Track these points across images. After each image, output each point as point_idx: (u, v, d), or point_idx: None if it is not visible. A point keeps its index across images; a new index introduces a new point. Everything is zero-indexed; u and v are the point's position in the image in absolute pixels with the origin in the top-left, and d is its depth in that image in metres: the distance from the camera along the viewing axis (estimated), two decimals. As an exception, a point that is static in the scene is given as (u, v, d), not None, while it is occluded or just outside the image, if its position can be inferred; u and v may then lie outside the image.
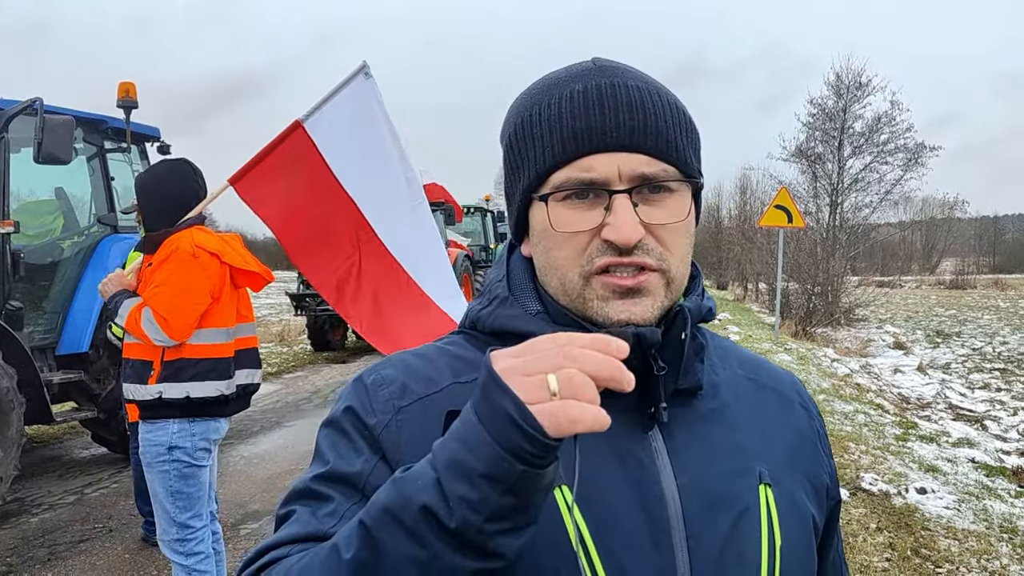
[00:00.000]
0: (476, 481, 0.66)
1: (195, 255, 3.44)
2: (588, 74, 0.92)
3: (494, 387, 0.67)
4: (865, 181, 26.01)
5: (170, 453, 3.47)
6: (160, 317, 3.35)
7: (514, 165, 0.95)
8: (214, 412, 3.56)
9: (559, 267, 0.91)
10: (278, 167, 3.75)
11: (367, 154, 3.92)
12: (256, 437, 8.48)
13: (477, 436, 0.67)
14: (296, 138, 3.76)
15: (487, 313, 0.98)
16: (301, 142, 3.77)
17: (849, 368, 14.78)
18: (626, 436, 0.90)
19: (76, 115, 6.48)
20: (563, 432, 0.65)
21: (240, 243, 3.75)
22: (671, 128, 0.90)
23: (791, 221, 15.51)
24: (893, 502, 6.24)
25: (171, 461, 3.47)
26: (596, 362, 0.67)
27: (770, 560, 0.90)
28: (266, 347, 15.65)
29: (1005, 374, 15.93)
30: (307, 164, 3.78)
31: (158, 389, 3.44)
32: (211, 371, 3.51)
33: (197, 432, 3.52)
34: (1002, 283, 49.68)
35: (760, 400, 1.03)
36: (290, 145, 3.75)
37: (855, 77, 25.51)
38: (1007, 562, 5.12)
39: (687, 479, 0.89)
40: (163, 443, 3.47)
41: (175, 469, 3.48)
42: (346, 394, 0.96)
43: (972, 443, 8.90)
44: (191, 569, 3.58)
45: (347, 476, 0.87)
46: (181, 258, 3.43)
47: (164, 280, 3.41)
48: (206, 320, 3.51)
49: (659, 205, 0.89)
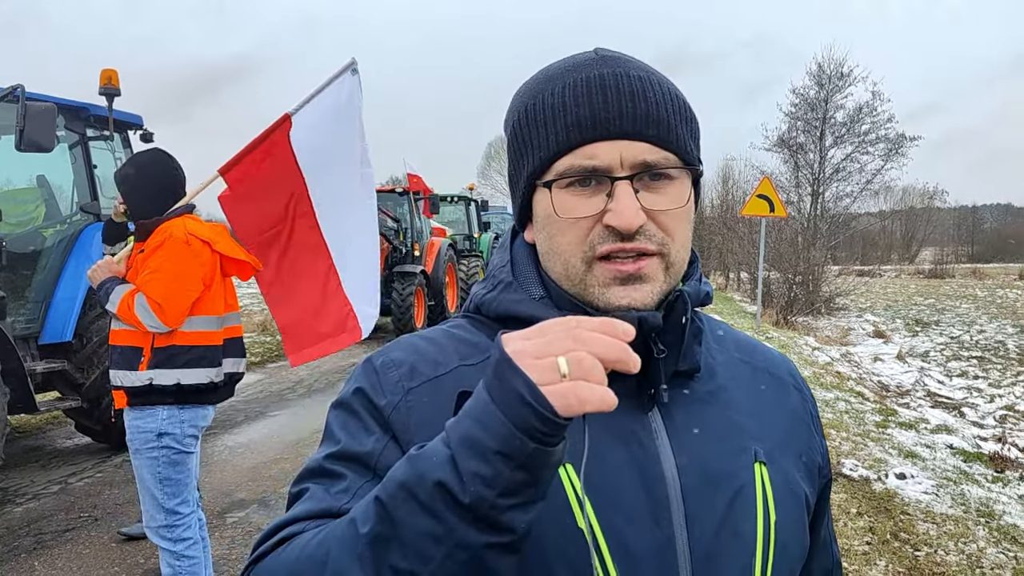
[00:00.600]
0: (490, 458, 0.69)
1: (188, 242, 3.46)
2: (591, 64, 0.94)
3: (507, 368, 0.69)
4: (846, 171, 26.20)
5: (159, 440, 3.49)
6: (154, 303, 3.37)
7: (518, 152, 0.98)
8: (203, 399, 3.58)
9: (562, 253, 0.94)
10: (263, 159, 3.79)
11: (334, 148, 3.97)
12: (241, 427, 8.46)
13: (490, 415, 0.69)
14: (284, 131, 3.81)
15: (492, 298, 1.00)
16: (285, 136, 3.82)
17: (830, 356, 14.94)
18: (627, 417, 0.92)
19: (58, 102, 6.40)
20: (573, 412, 0.68)
21: (227, 233, 3.76)
22: (672, 117, 0.93)
23: (773, 210, 15.60)
24: (873, 487, 6.34)
25: (160, 448, 3.48)
26: (604, 345, 0.70)
27: (765, 536, 0.93)
28: (249, 336, 15.57)
29: (982, 362, 16.15)
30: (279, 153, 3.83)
31: (149, 376, 3.45)
32: (202, 358, 3.53)
33: (186, 419, 3.54)
34: (980, 272, 50.20)
35: (756, 382, 1.06)
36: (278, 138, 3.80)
37: (837, 67, 25.65)
38: (984, 545, 5.22)
39: (685, 459, 0.92)
40: (152, 430, 3.48)
41: (164, 456, 3.49)
42: (356, 376, 0.98)
43: (950, 430, 9.04)
44: (179, 555, 3.60)
45: (359, 455, 0.89)
46: (175, 245, 3.45)
47: (158, 267, 3.43)
48: (198, 307, 3.53)
49: (660, 192, 0.92)
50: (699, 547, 0.89)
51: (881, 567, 4.83)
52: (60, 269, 6.87)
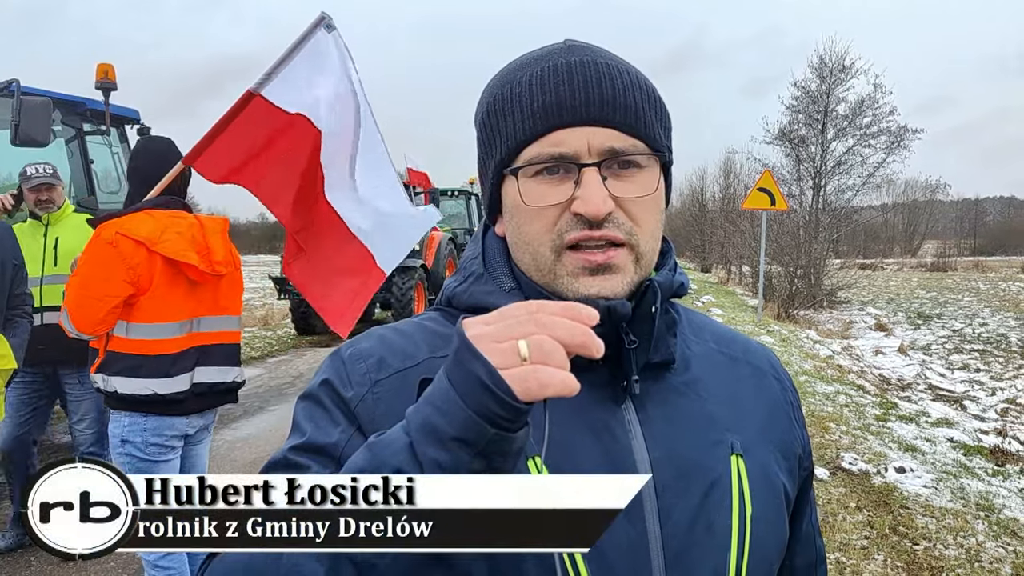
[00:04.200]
0: (448, 444, 0.68)
1: (113, 243, 3.17)
2: (559, 52, 0.94)
3: (466, 353, 0.68)
4: (848, 164, 26.15)
5: (123, 446, 3.33)
6: (69, 308, 3.17)
7: (487, 143, 0.97)
8: (162, 410, 3.32)
9: (530, 242, 0.93)
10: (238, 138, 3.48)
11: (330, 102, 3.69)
12: (239, 421, 8.47)
13: (449, 400, 0.68)
14: (254, 108, 3.47)
15: (462, 290, 0.99)
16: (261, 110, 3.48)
17: (831, 350, 14.91)
18: (599, 409, 0.91)
19: (54, 96, 6.39)
20: (533, 396, 0.66)
21: (218, 228, 3.50)
22: (639, 104, 0.92)
23: (774, 204, 15.57)
24: (872, 481, 6.33)
25: (123, 454, 3.32)
26: (566, 328, 0.68)
27: (740, 530, 0.91)
28: (250, 331, 15.59)
29: (984, 355, 16.12)
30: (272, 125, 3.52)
31: (99, 378, 3.30)
32: (139, 367, 3.25)
33: (149, 427, 3.32)
34: (982, 265, 50.20)
35: (733, 372, 1.04)
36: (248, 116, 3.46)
37: (838, 60, 25.58)
38: (983, 539, 5.20)
39: (659, 451, 0.91)
40: (117, 434, 3.34)
41: (128, 463, 3.30)
42: (324, 367, 0.97)
43: (951, 423, 9.02)
44: (154, 564, 3.40)
45: (324, 447, 0.88)
46: (97, 246, 3.19)
47: (78, 269, 3.23)
48: (137, 314, 3.25)
49: (628, 179, 0.91)
50: (672, 542, 0.88)
51: (880, 561, 4.82)
52: (57, 264, 6.85)
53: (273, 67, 3.52)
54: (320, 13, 3.71)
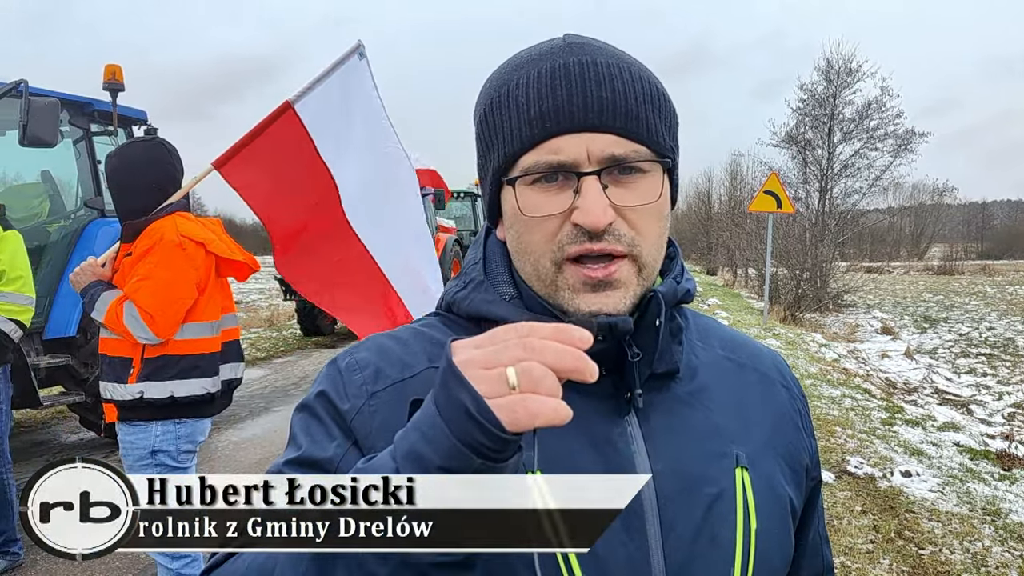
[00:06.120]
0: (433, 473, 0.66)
1: (181, 245, 3.18)
2: (556, 52, 0.90)
3: (453, 380, 0.66)
4: (855, 167, 26.01)
5: (153, 457, 3.23)
6: (146, 314, 3.09)
7: (484, 148, 0.94)
8: (200, 412, 3.32)
9: (531, 252, 0.90)
10: (266, 150, 3.53)
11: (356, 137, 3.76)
12: (244, 422, 8.48)
13: (436, 428, 0.66)
14: (286, 120, 3.54)
15: (463, 296, 0.97)
16: (291, 124, 3.55)
17: (837, 353, 14.87)
18: (602, 422, 0.89)
19: (61, 97, 6.41)
20: (521, 427, 0.63)
21: (221, 228, 3.55)
22: (641, 106, 0.88)
23: (780, 207, 15.53)
24: (878, 485, 6.30)
25: (154, 466, 3.22)
26: (557, 353, 0.65)
27: (745, 544, 0.89)
28: (255, 332, 15.63)
29: (991, 359, 16.05)
30: (296, 148, 3.58)
31: (139, 388, 3.18)
32: (195, 368, 3.25)
33: (183, 434, 3.27)
34: (990, 269, 49.96)
35: (740, 380, 1.01)
36: (279, 128, 3.53)
37: (845, 63, 25.46)
38: (989, 544, 5.18)
39: (662, 464, 0.89)
40: (146, 447, 3.23)
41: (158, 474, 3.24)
42: (321, 378, 0.95)
43: (957, 427, 8.98)
44: (178, 572, 3.36)
45: (319, 461, 0.87)
46: (166, 249, 3.16)
47: (148, 273, 3.14)
48: (192, 314, 3.26)
49: (630, 187, 0.87)
50: (675, 557, 0.86)
51: (885, 565, 4.80)
52: (64, 264, 6.88)
53: (311, 83, 3.63)
54: (356, 41, 3.83)
